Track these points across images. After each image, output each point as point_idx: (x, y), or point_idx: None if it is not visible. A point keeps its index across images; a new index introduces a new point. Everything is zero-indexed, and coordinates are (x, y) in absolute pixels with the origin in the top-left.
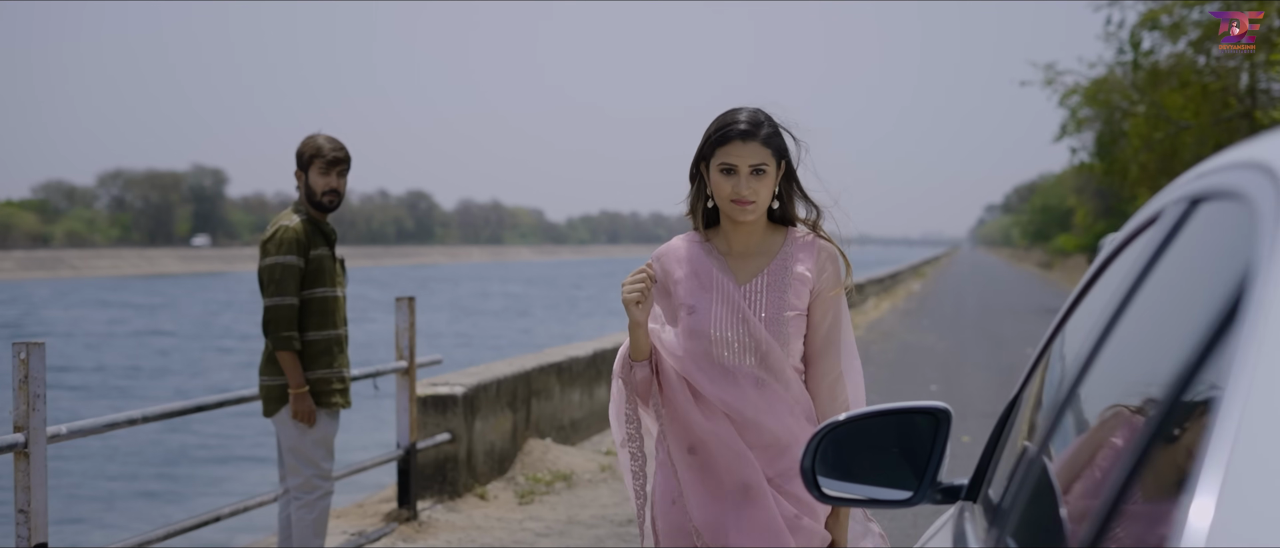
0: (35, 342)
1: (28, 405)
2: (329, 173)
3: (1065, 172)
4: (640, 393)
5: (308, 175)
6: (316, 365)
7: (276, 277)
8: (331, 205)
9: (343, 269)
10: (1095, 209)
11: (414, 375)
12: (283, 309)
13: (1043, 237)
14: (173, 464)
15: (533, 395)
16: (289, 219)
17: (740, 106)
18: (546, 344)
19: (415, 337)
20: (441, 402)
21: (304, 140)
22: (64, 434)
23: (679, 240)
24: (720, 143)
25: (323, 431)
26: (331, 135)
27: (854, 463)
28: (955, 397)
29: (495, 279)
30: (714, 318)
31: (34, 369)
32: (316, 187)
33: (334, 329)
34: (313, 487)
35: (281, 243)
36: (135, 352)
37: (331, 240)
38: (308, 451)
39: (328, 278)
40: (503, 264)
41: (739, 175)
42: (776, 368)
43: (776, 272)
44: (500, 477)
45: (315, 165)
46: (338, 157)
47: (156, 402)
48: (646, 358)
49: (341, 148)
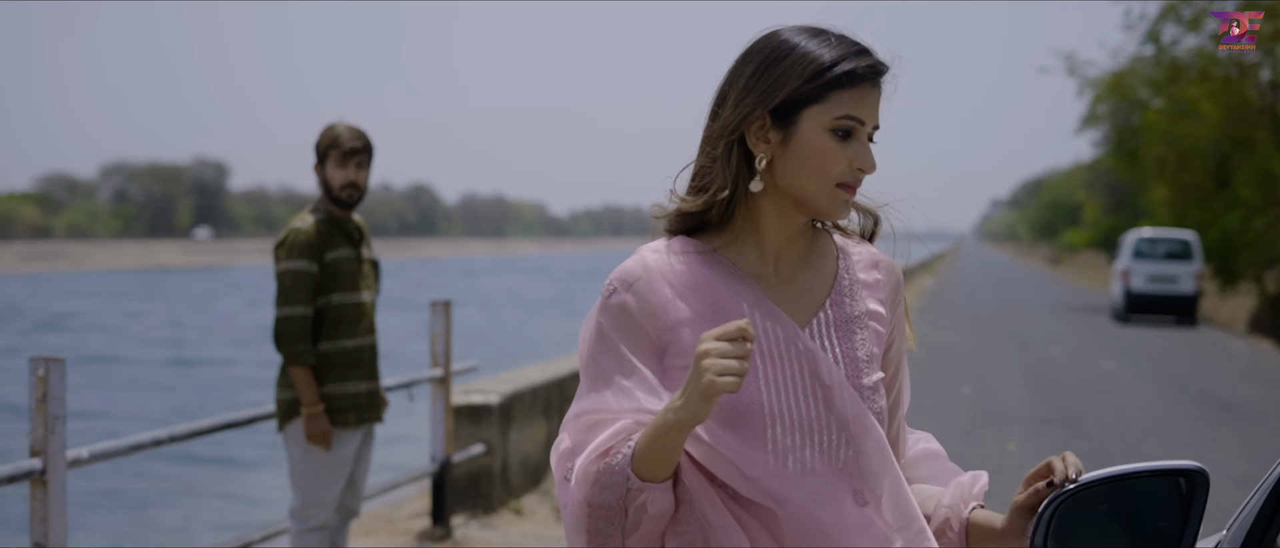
0: (54, 358)
1: (46, 428)
2: (347, 164)
3: (1074, 167)
4: (645, 535)
5: (325, 168)
6: (326, 380)
7: (285, 285)
8: (351, 200)
9: (374, 271)
10: (1105, 204)
11: (449, 384)
12: (293, 320)
13: (1050, 232)
14: (197, 469)
15: (566, 402)
16: (302, 220)
17: (827, 30)
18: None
19: (451, 343)
20: (475, 411)
21: (322, 131)
22: (85, 458)
23: (660, 255)
24: (840, 85)
25: (335, 452)
26: (352, 125)
27: (1079, 539)
28: (990, 400)
29: (500, 272)
30: (771, 386)
31: (53, 388)
32: (334, 180)
33: (352, 339)
34: (305, 516)
35: (291, 248)
36: (159, 348)
37: (356, 240)
38: (308, 474)
39: (347, 282)
40: (505, 258)
41: (859, 140)
42: (876, 469)
43: (840, 304)
44: (535, 489)
45: (332, 157)
46: (355, 147)
47: (184, 415)
48: (670, 476)
49: (361, 137)
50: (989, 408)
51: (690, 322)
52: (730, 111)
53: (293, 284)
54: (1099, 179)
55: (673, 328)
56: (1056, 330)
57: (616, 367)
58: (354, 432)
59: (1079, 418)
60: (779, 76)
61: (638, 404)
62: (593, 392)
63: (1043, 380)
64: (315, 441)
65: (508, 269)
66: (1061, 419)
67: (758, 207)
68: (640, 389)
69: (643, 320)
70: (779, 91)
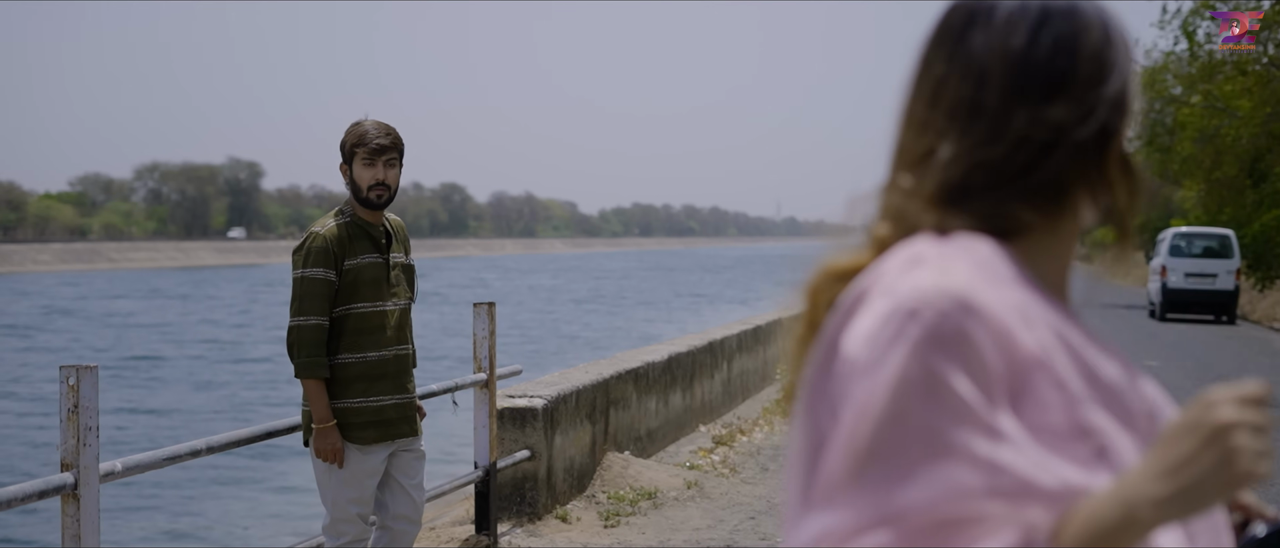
0: (86, 366)
1: (78, 440)
2: (375, 163)
3: None
4: None
5: (352, 168)
6: (347, 394)
7: (299, 293)
8: (380, 201)
9: (407, 277)
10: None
11: (494, 388)
12: (305, 330)
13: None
14: (237, 471)
15: (611, 405)
16: (323, 224)
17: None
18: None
19: (495, 346)
20: (520, 415)
21: (348, 128)
22: (119, 472)
23: (976, 267)
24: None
25: (354, 469)
26: (380, 120)
27: None
28: None
29: (531, 271)
30: None
31: (85, 397)
32: (362, 180)
33: (377, 351)
34: (334, 532)
35: (308, 254)
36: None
37: (384, 244)
38: (331, 490)
39: (370, 290)
40: (535, 257)
41: None
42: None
43: None
44: (580, 495)
45: (359, 156)
46: (383, 144)
47: (231, 417)
48: None
49: (389, 133)
50: None
51: (1040, 363)
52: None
53: (306, 293)
54: None
55: (1025, 371)
56: (1095, 328)
57: (969, 427)
58: (377, 448)
59: None
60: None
61: (1028, 480)
62: (924, 468)
63: None
64: (324, 457)
65: (539, 268)
66: None
67: (1074, 208)
68: (1032, 458)
69: (994, 357)
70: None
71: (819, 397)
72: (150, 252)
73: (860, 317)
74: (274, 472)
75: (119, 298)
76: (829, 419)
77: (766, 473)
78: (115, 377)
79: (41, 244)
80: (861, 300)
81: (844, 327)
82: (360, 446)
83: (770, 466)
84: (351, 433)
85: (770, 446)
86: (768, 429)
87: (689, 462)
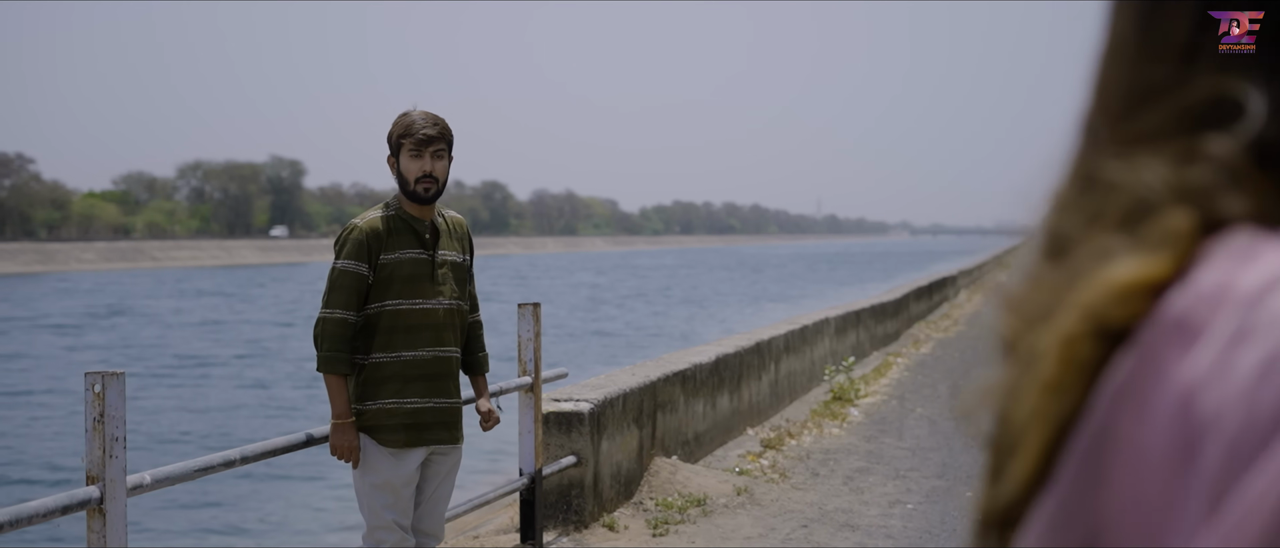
0: (113, 372)
1: (104, 451)
2: (422, 154)
3: None
4: None
5: (399, 160)
6: (380, 394)
7: (329, 284)
8: (427, 194)
9: (456, 275)
10: None
11: (540, 392)
12: (330, 323)
13: None
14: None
15: (658, 409)
16: (364, 216)
17: None
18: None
19: (541, 348)
20: (566, 420)
21: (395, 119)
22: (148, 484)
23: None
24: None
25: (385, 473)
26: (429, 110)
27: None
28: None
29: (572, 269)
30: None
31: (111, 406)
32: (409, 173)
33: (413, 350)
34: (376, 540)
35: (343, 246)
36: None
37: (430, 241)
38: (365, 495)
39: (407, 287)
40: (576, 255)
41: None
42: None
43: None
44: (627, 502)
45: (406, 147)
46: (430, 134)
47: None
48: None
49: (437, 123)
50: None
51: None
52: None
53: (336, 285)
54: None
55: None
56: None
57: None
58: (409, 452)
59: None
60: None
61: None
62: None
63: None
64: (338, 454)
65: (580, 266)
66: None
67: None
68: None
69: None
70: None
71: (1140, 473)
72: (193, 250)
73: (1207, 356)
74: (332, 463)
75: (173, 296)
76: (1193, 505)
77: (817, 478)
78: (161, 378)
79: (85, 243)
80: (1195, 332)
81: (1176, 371)
82: (392, 449)
83: (820, 471)
84: (381, 435)
85: (820, 450)
86: (816, 432)
87: (737, 466)
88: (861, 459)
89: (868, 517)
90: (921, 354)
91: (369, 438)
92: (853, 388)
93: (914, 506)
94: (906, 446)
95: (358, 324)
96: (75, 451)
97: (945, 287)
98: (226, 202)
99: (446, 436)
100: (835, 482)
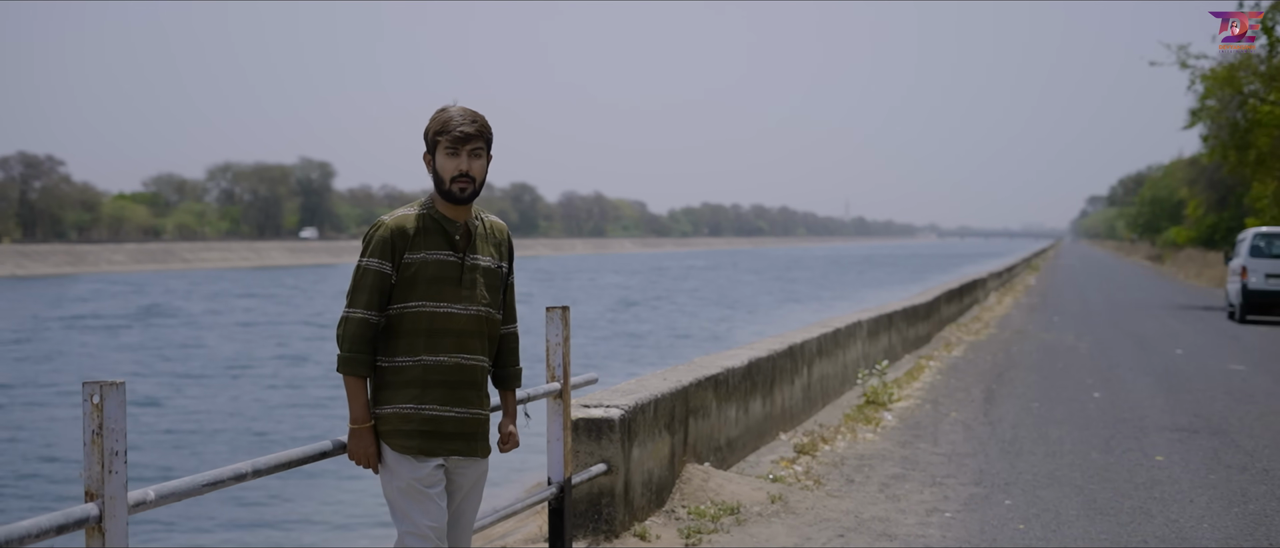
0: (112, 382)
1: (102, 466)
2: (459, 152)
3: (1175, 162)
4: None
5: (435, 158)
6: (399, 398)
7: (353, 283)
8: (463, 194)
9: (490, 279)
10: (1209, 201)
11: (568, 399)
12: (350, 323)
13: (1152, 229)
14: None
15: (690, 414)
16: (393, 213)
17: None
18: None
19: (569, 353)
20: (595, 426)
21: (432, 115)
22: (151, 500)
23: None
24: None
25: (406, 476)
26: (467, 107)
27: None
28: (1124, 406)
29: (601, 271)
30: None
31: (111, 418)
32: (444, 171)
33: (435, 356)
34: (406, 543)
35: (369, 243)
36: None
37: (461, 242)
38: (394, 500)
39: (430, 289)
40: (605, 256)
41: None
42: None
43: None
44: (659, 510)
45: (442, 144)
46: (467, 132)
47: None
48: None
49: (474, 121)
50: (1124, 416)
51: None
52: None
53: (358, 283)
54: (1203, 175)
55: None
56: (1174, 330)
57: None
58: (425, 460)
59: (1224, 427)
60: None
61: None
62: None
63: (1173, 384)
64: (356, 459)
65: (610, 268)
66: (1206, 428)
67: None
68: None
69: None
70: None
71: None
72: (223, 252)
73: None
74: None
75: (216, 296)
76: None
77: (852, 485)
78: (199, 381)
79: (116, 244)
80: None
81: None
82: (410, 456)
83: (856, 477)
84: (395, 440)
85: (854, 455)
86: (850, 437)
87: (771, 473)
88: (896, 465)
89: (905, 526)
90: (953, 357)
91: (385, 443)
92: (886, 392)
93: (952, 514)
94: (942, 451)
95: (380, 325)
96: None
97: (975, 289)
98: (256, 203)
99: (466, 447)
100: (871, 489)
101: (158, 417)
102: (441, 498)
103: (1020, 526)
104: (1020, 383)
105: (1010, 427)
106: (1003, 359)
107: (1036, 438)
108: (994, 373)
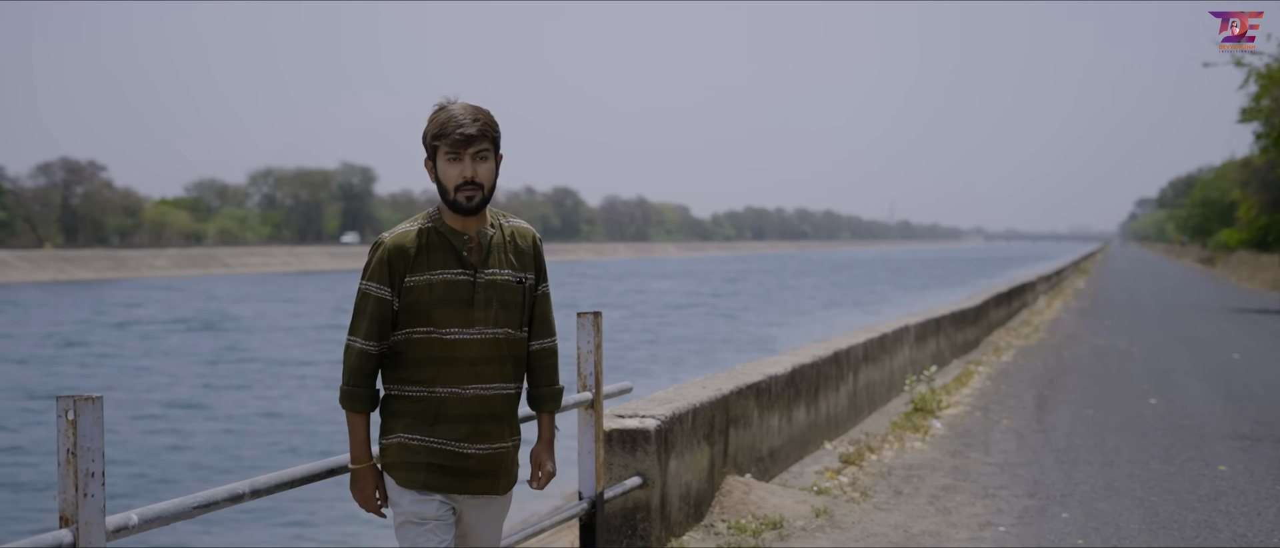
0: (86, 396)
1: (77, 488)
2: (462, 157)
3: (1227, 164)
4: None
5: (436, 165)
6: (404, 427)
7: (354, 308)
8: (470, 204)
9: (505, 298)
10: (1261, 202)
11: (601, 409)
12: (350, 353)
13: (1203, 232)
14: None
15: (731, 424)
16: (394, 230)
17: None
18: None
19: (601, 360)
20: (630, 438)
21: (430, 115)
22: (134, 525)
23: None
24: None
25: (410, 507)
26: (470, 103)
27: None
28: (1182, 413)
29: (647, 275)
30: None
31: (85, 436)
32: (447, 179)
33: (448, 386)
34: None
35: (366, 265)
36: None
37: (475, 257)
38: (399, 534)
39: (438, 313)
40: (648, 261)
41: None
42: None
43: None
44: (697, 525)
45: (443, 148)
46: (469, 133)
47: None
48: None
49: (476, 119)
50: (1183, 423)
51: None
52: None
53: (359, 310)
54: (1255, 177)
55: None
56: (1229, 334)
57: None
58: (429, 495)
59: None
60: None
61: None
62: None
63: (1232, 390)
64: (361, 504)
65: (653, 271)
66: (1269, 436)
67: None
68: None
69: None
70: None
71: None
72: (264, 256)
73: None
74: None
75: (289, 301)
76: None
77: (901, 497)
78: (243, 386)
79: (158, 249)
80: None
81: None
82: (413, 489)
83: (904, 489)
84: (397, 473)
85: (902, 465)
86: (897, 447)
87: (815, 484)
88: (947, 476)
89: (957, 540)
90: (1003, 363)
91: (388, 477)
92: (934, 399)
93: (1006, 528)
94: (994, 461)
95: (381, 354)
96: (126, 459)
97: (1024, 293)
98: (298, 208)
99: (488, 485)
100: (920, 501)
101: (202, 422)
102: (447, 531)
103: (1079, 540)
104: (1073, 389)
105: (1064, 435)
106: (1054, 364)
107: (1092, 447)
108: (1046, 379)
